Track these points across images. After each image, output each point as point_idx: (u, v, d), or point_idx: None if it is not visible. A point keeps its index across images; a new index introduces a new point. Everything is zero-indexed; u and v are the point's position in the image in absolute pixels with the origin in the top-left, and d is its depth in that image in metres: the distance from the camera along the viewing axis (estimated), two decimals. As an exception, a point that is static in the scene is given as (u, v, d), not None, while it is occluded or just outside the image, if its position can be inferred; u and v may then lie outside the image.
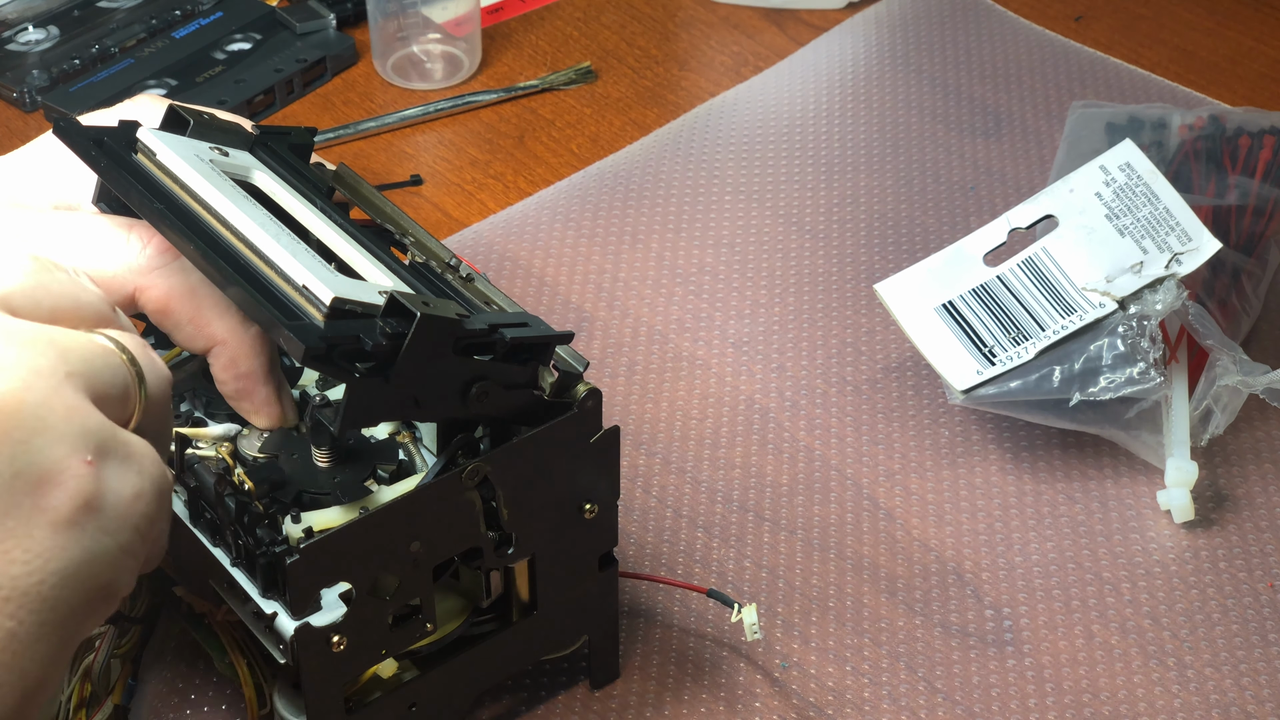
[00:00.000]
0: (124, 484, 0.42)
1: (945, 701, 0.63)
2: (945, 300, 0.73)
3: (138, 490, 0.43)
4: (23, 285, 0.44)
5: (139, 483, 0.43)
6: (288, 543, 0.53)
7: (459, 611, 0.58)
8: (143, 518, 0.43)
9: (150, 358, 0.46)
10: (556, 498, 0.56)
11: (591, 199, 0.88)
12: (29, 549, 0.40)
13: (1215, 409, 0.70)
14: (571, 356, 0.55)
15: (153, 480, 0.43)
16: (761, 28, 1.01)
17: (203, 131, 0.57)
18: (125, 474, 0.42)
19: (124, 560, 0.42)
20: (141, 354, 0.45)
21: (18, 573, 0.40)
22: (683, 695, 0.63)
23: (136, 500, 0.42)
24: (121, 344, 0.45)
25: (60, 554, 0.40)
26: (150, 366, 0.45)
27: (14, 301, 0.43)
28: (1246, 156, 0.80)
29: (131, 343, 0.45)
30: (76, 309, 0.45)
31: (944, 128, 0.93)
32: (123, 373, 0.44)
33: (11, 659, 0.40)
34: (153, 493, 0.43)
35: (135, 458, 0.43)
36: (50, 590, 0.40)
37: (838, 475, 0.72)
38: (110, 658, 0.60)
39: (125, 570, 0.43)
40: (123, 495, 0.42)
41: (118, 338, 0.45)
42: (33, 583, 0.40)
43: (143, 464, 0.43)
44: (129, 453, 0.43)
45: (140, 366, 0.45)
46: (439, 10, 0.96)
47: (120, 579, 0.43)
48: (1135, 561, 0.69)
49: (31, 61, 0.95)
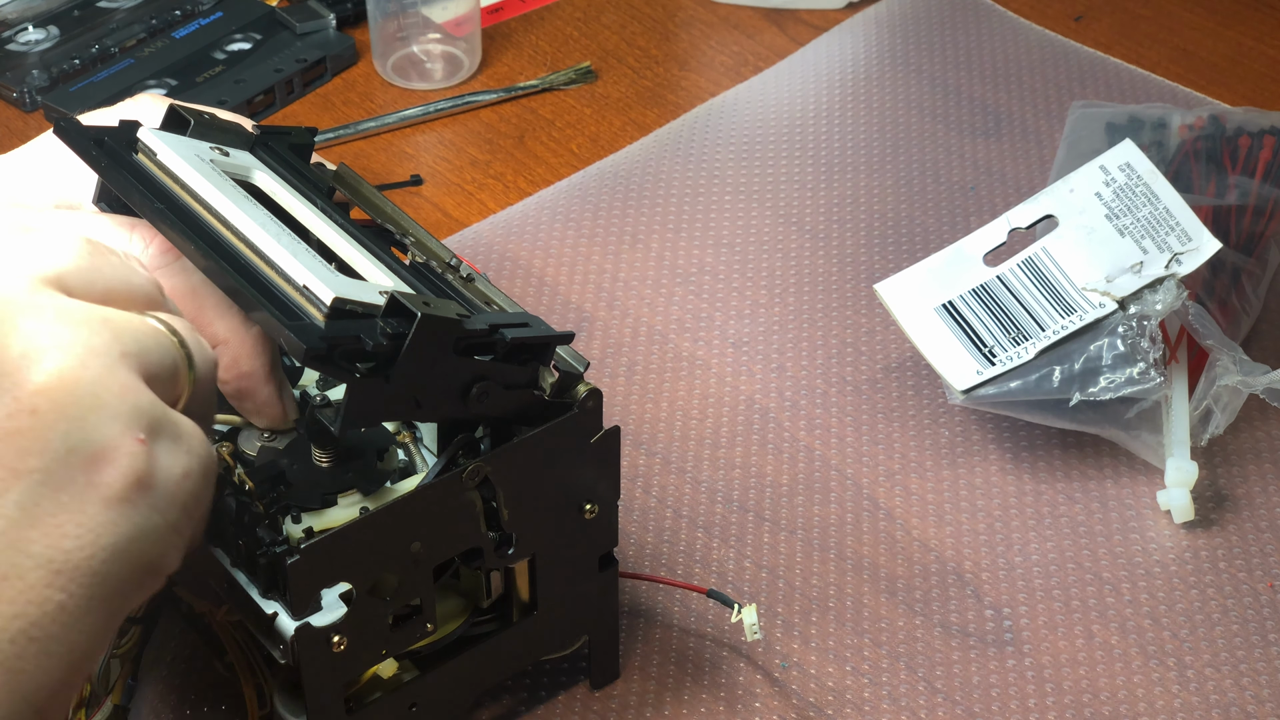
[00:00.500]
0: (174, 463, 0.43)
1: (945, 701, 0.63)
2: (945, 300, 0.73)
3: (186, 469, 0.43)
4: (78, 266, 0.45)
5: (188, 462, 0.44)
6: (288, 543, 0.53)
7: (459, 611, 0.58)
8: (190, 496, 0.44)
9: (198, 340, 0.46)
10: (557, 498, 0.56)
11: (591, 199, 0.88)
12: (81, 524, 0.41)
13: (1215, 409, 0.70)
14: (572, 356, 0.55)
15: (200, 460, 0.44)
16: (761, 28, 1.01)
17: (203, 131, 0.57)
18: (175, 453, 0.43)
19: (171, 538, 0.43)
20: (190, 336, 0.46)
21: (70, 546, 0.41)
22: (683, 695, 0.63)
23: (185, 479, 0.43)
24: (172, 326, 0.45)
25: (111, 530, 0.41)
26: (198, 349, 0.46)
27: (69, 282, 0.44)
28: (1246, 156, 0.80)
29: (180, 325, 0.46)
30: (128, 291, 0.46)
31: (944, 128, 0.93)
32: (173, 354, 0.45)
33: (61, 631, 0.41)
34: (200, 472, 0.44)
35: (185, 437, 0.44)
36: (101, 565, 0.41)
37: (838, 475, 0.72)
38: (110, 658, 0.60)
39: (172, 547, 0.44)
40: (173, 474, 0.43)
41: (167, 320, 0.46)
42: (84, 557, 0.41)
43: (191, 444, 0.44)
44: (179, 432, 0.44)
45: (189, 349, 0.46)
46: (439, 10, 0.96)
47: (168, 556, 0.44)
48: (1135, 561, 0.69)
49: (31, 61, 0.95)
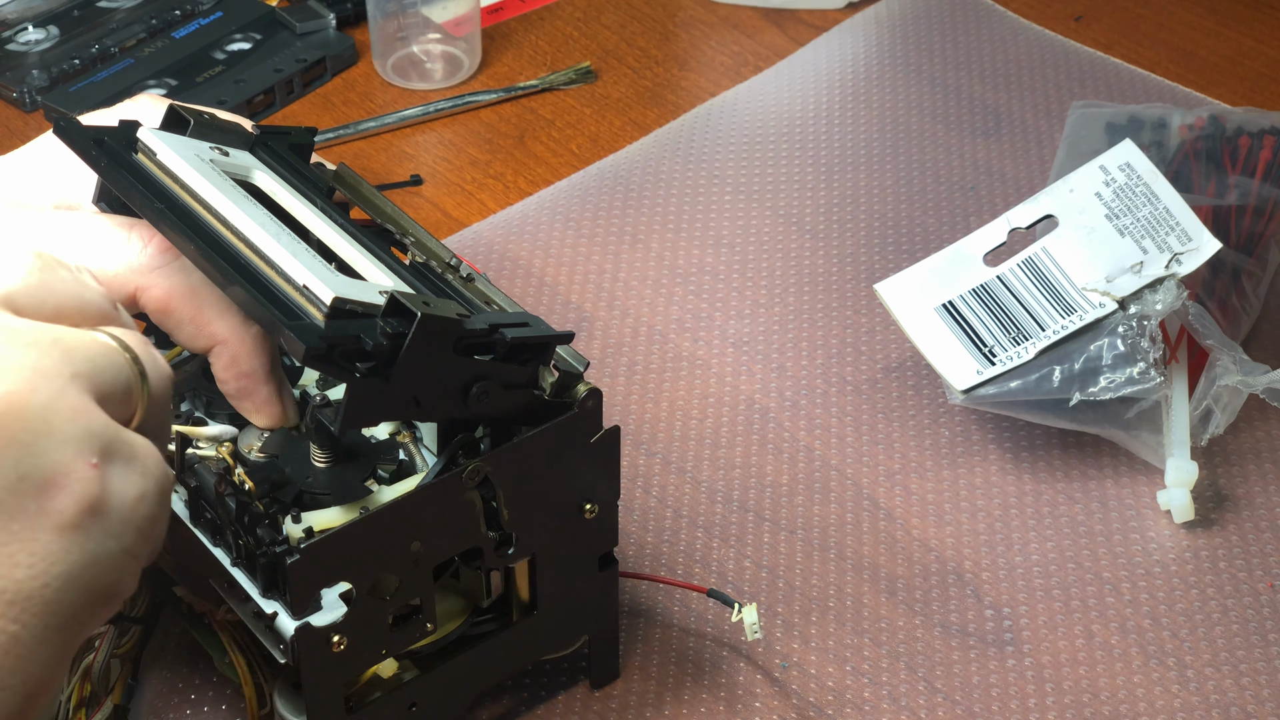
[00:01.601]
0: (128, 486, 0.42)
1: (945, 701, 0.63)
2: (945, 300, 0.73)
3: (141, 491, 0.42)
4: (27, 283, 0.43)
5: (142, 484, 0.43)
6: (288, 543, 0.52)
7: (459, 611, 0.58)
8: (146, 519, 0.43)
9: (152, 355, 0.45)
10: (557, 498, 0.56)
11: (591, 199, 0.88)
12: (33, 552, 0.40)
13: (1215, 409, 0.70)
14: (572, 356, 0.55)
15: (156, 481, 0.43)
16: (761, 28, 1.01)
17: (203, 131, 0.57)
18: (129, 475, 0.42)
19: (127, 562, 0.42)
20: (143, 351, 0.45)
21: (21, 576, 0.40)
22: (683, 695, 0.63)
23: (140, 502, 0.42)
24: (124, 342, 0.44)
25: (64, 557, 0.40)
26: (152, 364, 0.45)
27: (18, 300, 0.43)
28: (1246, 156, 0.80)
29: (134, 340, 0.45)
30: (80, 307, 0.45)
31: (944, 128, 0.93)
32: (126, 371, 0.44)
33: (15, 662, 0.40)
34: (155, 493, 0.43)
35: (139, 459, 0.43)
36: (54, 594, 0.40)
37: (838, 475, 0.72)
38: (110, 658, 0.60)
39: (128, 572, 0.43)
40: (127, 497, 0.42)
41: (120, 335, 0.45)
42: (36, 586, 0.40)
43: (146, 464, 0.43)
44: (133, 454, 0.43)
45: (143, 365, 0.45)
46: (439, 10, 0.96)
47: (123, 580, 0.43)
48: (1135, 561, 0.69)
49: (31, 61, 0.95)
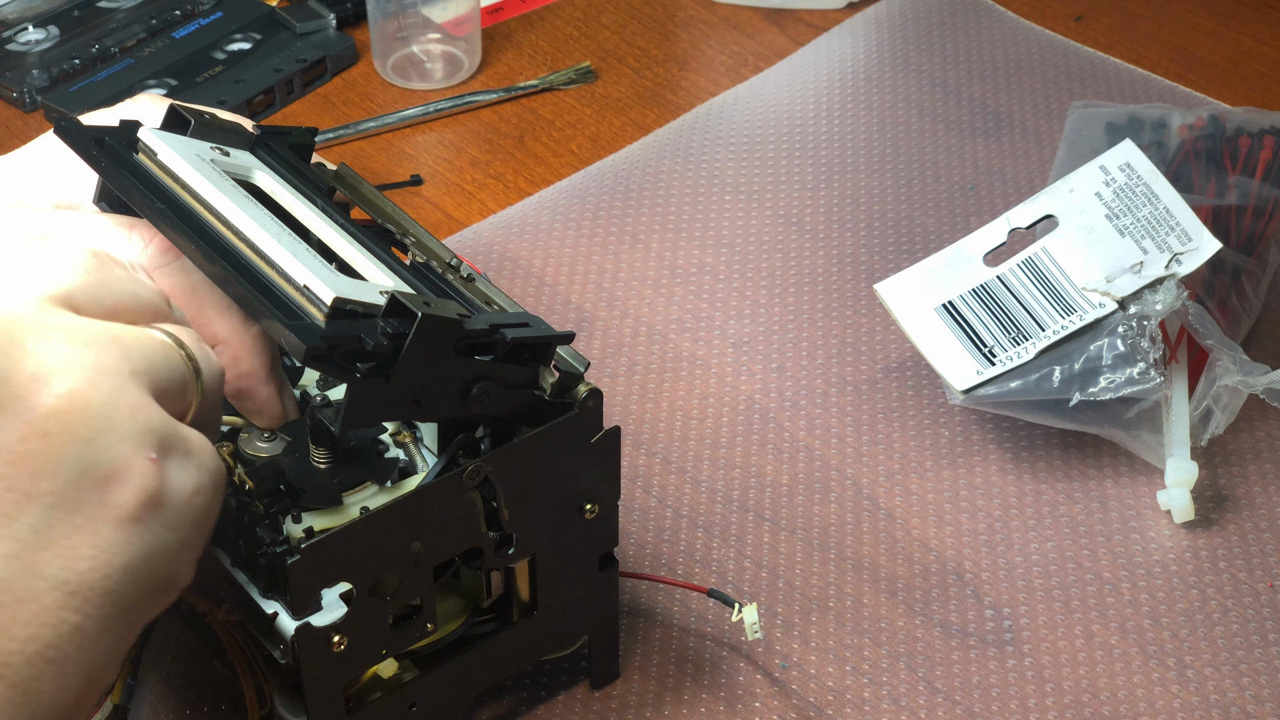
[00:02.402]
0: (185, 479, 0.43)
1: (945, 701, 0.63)
2: (945, 300, 0.73)
3: (197, 485, 0.43)
4: (84, 282, 0.44)
5: (199, 477, 0.44)
6: (288, 543, 0.53)
7: (459, 611, 0.58)
8: (201, 511, 0.44)
9: (205, 351, 0.46)
10: (557, 498, 0.56)
11: (591, 199, 0.88)
12: (95, 545, 0.41)
13: (1215, 409, 0.70)
14: (572, 357, 0.55)
15: (211, 474, 0.44)
16: (761, 28, 1.01)
17: (203, 131, 0.57)
18: (186, 469, 0.43)
19: (184, 554, 0.43)
20: (197, 348, 0.46)
21: (84, 568, 0.41)
22: (683, 695, 0.63)
23: (196, 495, 0.43)
24: (178, 339, 0.45)
25: (125, 550, 0.41)
26: (205, 360, 0.46)
27: (77, 299, 0.44)
28: (1246, 156, 0.80)
29: (187, 337, 0.46)
30: (135, 304, 0.46)
31: (944, 128, 0.93)
32: (181, 367, 0.45)
33: (77, 651, 0.41)
34: (211, 486, 0.44)
35: (195, 453, 0.44)
36: (115, 585, 0.41)
37: (838, 475, 0.72)
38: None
39: (185, 563, 0.44)
40: (184, 490, 0.43)
41: (174, 332, 0.46)
42: (98, 578, 0.41)
43: (202, 458, 0.44)
44: (189, 448, 0.44)
45: (197, 360, 0.46)
46: (439, 10, 0.96)
47: (180, 572, 0.44)
48: (1135, 561, 0.69)
49: (31, 61, 0.95)
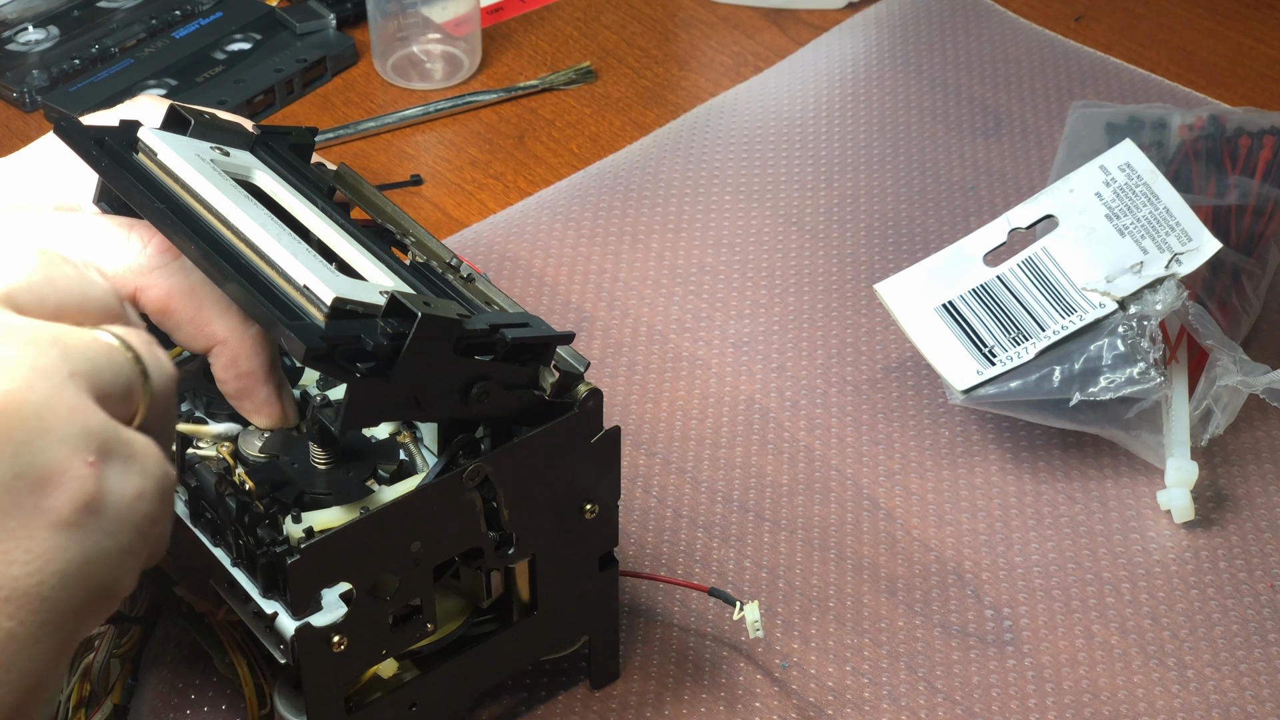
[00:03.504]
0: (126, 484, 0.42)
1: (945, 701, 0.63)
2: (945, 300, 0.73)
3: (140, 490, 0.42)
4: (29, 281, 0.43)
5: (141, 483, 0.42)
6: (288, 543, 0.53)
7: (459, 612, 0.58)
8: (144, 518, 0.43)
9: (155, 354, 0.45)
10: (557, 498, 0.56)
11: (591, 199, 0.88)
12: (30, 550, 0.40)
13: (1215, 409, 0.70)
14: (572, 357, 0.55)
15: (155, 480, 0.43)
16: (761, 28, 1.01)
17: (204, 131, 0.57)
18: (128, 474, 0.42)
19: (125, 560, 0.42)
20: (146, 351, 0.45)
21: (18, 573, 0.40)
22: (683, 695, 0.63)
23: (138, 500, 0.42)
24: (127, 341, 0.44)
25: (61, 555, 0.40)
26: (155, 363, 0.45)
27: (19, 298, 0.43)
28: (1246, 156, 0.80)
29: (137, 339, 0.45)
30: (83, 304, 0.45)
31: (944, 128, 0.93)
32: (127, 370, 0.44)
33: (11, 659, 0.40)
34: (155, 492, 0.43)
35: (138, 457, 0.43)
36: (50, 591, 0.40)
37: (838, 475, 0.72)
38: (110, 658, 0.60)
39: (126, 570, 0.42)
40: (124, 495, 0.42)
41: (123, 334, 0.44)
42: (33, 583, 0.40)
43: (145, 463, 0.43)
44: (131, 452, 0.42)
45: (145, 364, 0.44)
46: (439, 10, 0.96)
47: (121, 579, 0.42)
48: (1135, 561, 0.69)
49: (31, 61, 0.95)
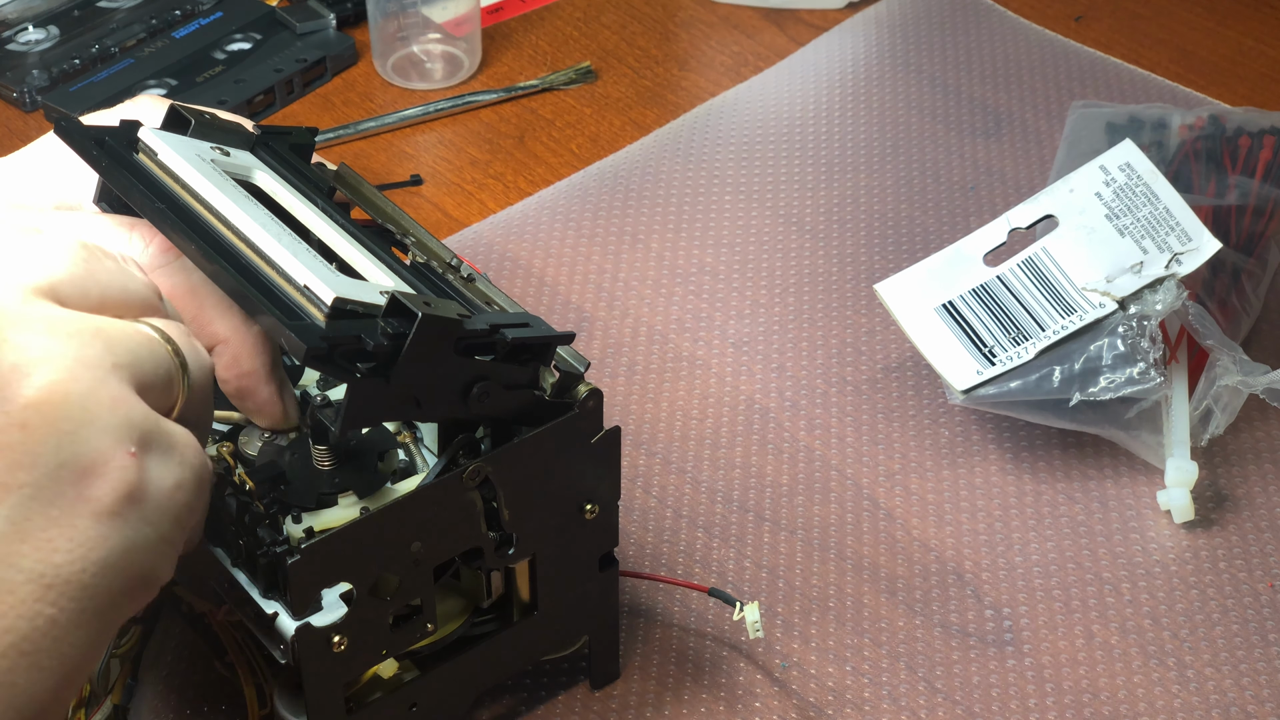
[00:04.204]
0: (166, 474, 0.43)
1: (945, 701, 0.63)
2: (945, 300, 0.73)
3: (179, 480, 0.43)
4: (72, 274, 0.44)
5: (180, 473, 0.43)
6: (288, 543, 0.53)
7: (459, 612, 0.58)
8: (183, 507, 0.44)
9: (194, 346, 0.46)
10: (557, 498, 0.56)
11: (591, 199, 0.88)
12: (72, 538, 0.41)
13: (1215, 409, 0.70)
14: (572, 357, 0.55)
15: (194, 470, 0.44)
16: (761, 28, 1.01)
17: (204, 131, 0.57)
18: (168, 464, 0.43)
19: (164, 549, 0.43)
20: (185, 343, 0.46)
21: (60, 561, 0.41)
22: (683, 695, 0.63)
23: (177, 490, 0.43)
24: (166, 333, 0.45)
25: (102, 543, 0.41)
26: (194, 355, 0.46)
27: (62, 291, 0.44)
28: (1246, 156, 0.80)
29: (176, 332, 0.46)
30: (124, 297, 0.45)
31: (944, 128, 0.93)
32: (167, 362, 0.45)
33: (52, 645, 0.41)
34: (193, 482, 0.44)
35: (178, 448, 0.44)
36: (91, 579, 0.41)
37: (838, 475, 0.72)
38: (110, 658, 0.60)
39: (164, 559, 0.43)
40: (164, 486, 0.43)
41: (163, 327, 0.45)
42: (74, 571, 0.41)
43: (185, 454, 0.44)
44: (172, 443, 0.43)
45: (184, 356, 0.45)
46: (439, 10, 0.96)
47: (160, 567, 0.43)
48: (1135, 561, 0.69)
49: (31, 61, 0.95)
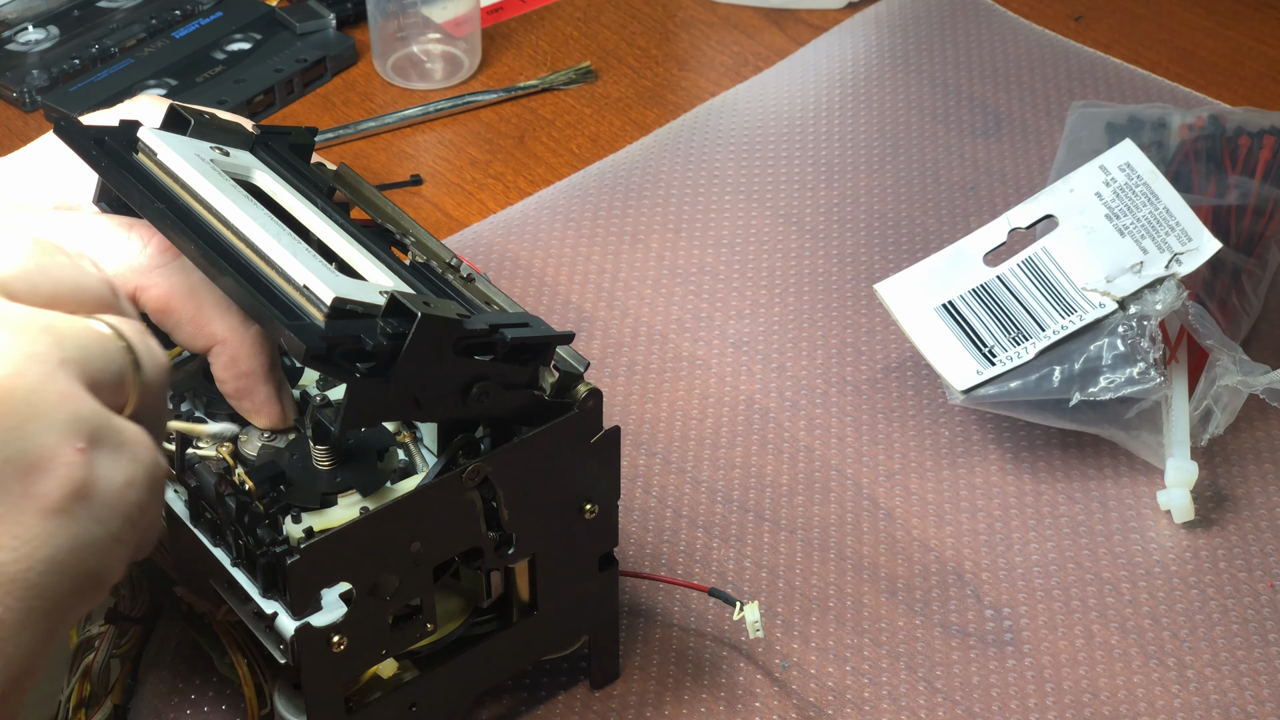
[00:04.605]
0: (116, 472, 0.42)
1: (945, 701, 0.63)
2: (945, 300, 0.73)
3: (129, 478, 0.42)
4: (23, 269, 0.43)
5: (131, 470, 0.42)
6: (288, 543, 0.53)
7: (459, 611, 0.58)
8: (134, 505, 0.43)
9: (148, 344, 0.45)
10: (557, 498, 0.56)
11: (591, 199, 0.88)
12: (18, 535, 0.40)
13: (1215, 409, 0.70)
14: (572, 357, 0.55)
15: (145, 468, 0.43)
16: (761, 28, 1.01)
17: (203, 131, 0.57)
18: (117, 461, 0.42)
19: (114, 548, 0.42)
20: (139, 340, 0.45)
21: (6, 559, 0.40)
22: (683, 695, 0.63)
23: (128, 488, 0.42)
24: (119, 330, 0.44)
25: (49, 541, 0.40)
26: (147, 353, 0.45)
27: (12, 286, 0.43)
28: (1246, 156, 0.80)
29: (129, 329, 0.45)
30: (77, 293, 0.45)
31: (944, 128, 0.93)
32: (119, 359, 0.44)
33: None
34: (145, 480, 0.43)
35: (128, 445, 0.43)
36: (38, 577, 0.40)
37: (838, 475, 0.72)
38: (110, 658, 0.60)
39: (115, 558, 0.42)
40: (114, 483, 0.42)
41: (115, 324, 0.44)
42: (20, 569, 0.40)
43: (136, 451, 0.43)
44: (122, 440, 0.42)
45: (138, 353, 0.44)
46: (439, 10, 0.96)
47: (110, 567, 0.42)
48: (1135, 561, 0.69)
49: (31, 61, 0.95)
